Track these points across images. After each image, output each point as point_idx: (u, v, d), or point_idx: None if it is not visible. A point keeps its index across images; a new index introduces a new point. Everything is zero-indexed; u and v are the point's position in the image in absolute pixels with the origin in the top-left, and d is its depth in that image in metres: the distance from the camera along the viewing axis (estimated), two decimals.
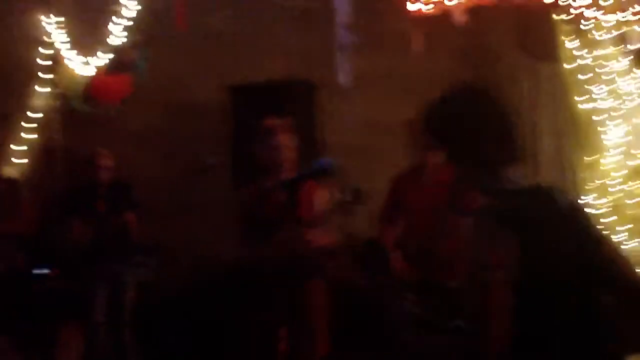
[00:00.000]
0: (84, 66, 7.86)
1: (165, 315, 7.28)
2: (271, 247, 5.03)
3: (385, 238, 5.77)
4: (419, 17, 7.40)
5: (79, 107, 7.79)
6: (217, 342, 7.08)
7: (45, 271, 6.91)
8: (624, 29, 6.76)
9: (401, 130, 5.78)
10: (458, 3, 7.01)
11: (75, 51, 7.89)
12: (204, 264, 7.63)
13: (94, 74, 7.72)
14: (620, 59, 6.86)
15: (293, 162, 5.27)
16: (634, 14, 6.61)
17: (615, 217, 7.03)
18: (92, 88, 7.67)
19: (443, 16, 7.29)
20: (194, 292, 7.45)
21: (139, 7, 7.99)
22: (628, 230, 6.90)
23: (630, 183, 6.85)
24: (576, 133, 7.29)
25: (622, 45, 6.79)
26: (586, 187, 7.34)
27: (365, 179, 8.25)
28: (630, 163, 6.83)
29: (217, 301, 6.97)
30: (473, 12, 7.21)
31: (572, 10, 7.04)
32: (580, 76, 7.28)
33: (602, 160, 7.11)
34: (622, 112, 6.91)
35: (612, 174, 6.96)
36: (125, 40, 7.80)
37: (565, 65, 7.38)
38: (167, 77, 8.31)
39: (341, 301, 5.40)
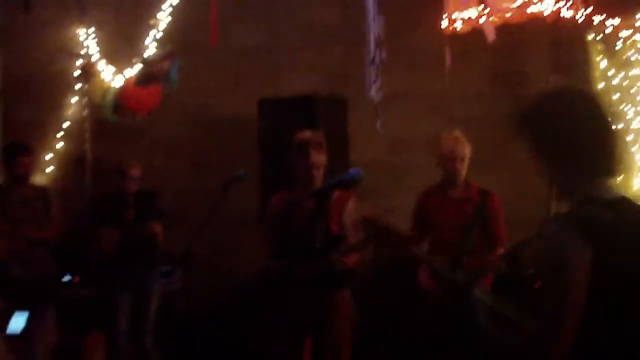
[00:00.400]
0: (115, 76, 7.94)
1: (191, 325, 7.30)
2: (304, 265, 5.04)
3: (415, 251, 5.77)
4: (451, 34, 7.40)
5: (109, 117, 7.86)
6: (241, 353, 7.10)
7: (68, 278, 6.97)
8: None
9: (429, 148, 5.79)
10: (489, 20, 6.99)
11: (106, 61, 7.98)
12: (231, 274, 7.67)
13: (124, 84, 7.79)
14: None
15: (321, 177, 5.29)
16: None
17: None
18: (122, 98, 7.74)
19: (475, 34, 7.27)
20: (222, 302, 7.48)
21: (172, 20, 8.08)
22: None
23: None
24: None
25: None
26: None
27: (393, 195, 8.26)
28: None
29: (244, 312, 7.00)
30: (505, 30, 7.19)
31: (605, 30, 7.02)
32: (611, 96, 7.25)
33: (633, 181, 7.06)
34: None
35: None
36: (156, 51, 7.87)
37: (598, 86, 7.35)
38: (198, 89, 8.37)
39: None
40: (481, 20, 7.13)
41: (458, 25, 7.31)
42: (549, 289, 2.39)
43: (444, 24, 7.32)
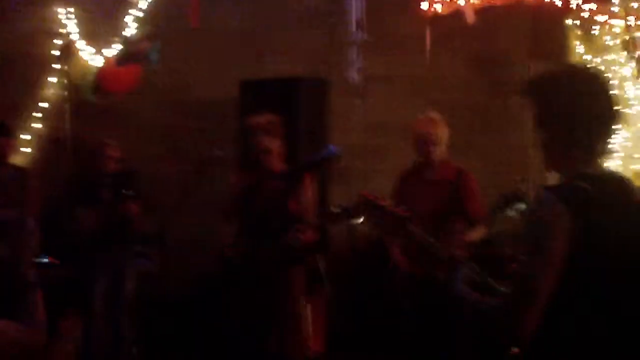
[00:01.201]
0: (95, 56, 7.92)
1: (166, 308, 7.32)
2: (264, 243, 5.12)
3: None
4: (431, 17, 7.42)
5: (89, 97, 7.84)
6: (215, 333, 7.13)
7: (45, 260, 6.96)
8: (633, 34, 6.77)
9: (408, 131, 5.80)
10: (470, 3, 7.02)
11: (85, 41, 7.95)
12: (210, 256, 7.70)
13: (104, 64, 7.77)
14: (628, 64, 6.87)
15: (275, 161, 5.34)
16: None
17: None
18: (102, 78, 7.72)
19: (455, 17, 7.30)
20: (195, 284, 7.51)
21: (153, 0, 8.05)
22: None
23: None
24: None
25: (630, 51, 6.80)
26: None
27: (373, 177, 8.29)
28: (632, 167, 6.84)
29: (214, 293, 7.04)
30: (485, 13, 7.23)
31: (582, 15, 7.05)
32: None
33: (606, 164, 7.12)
34: (626, 117, 6.92)
35: None
36: (137, 31, 7.85)
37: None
38: (178, 71, 8.36)
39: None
40: (461, 3, 7.16)
41: (438, 8, 7.34)
42: (529, 254, 2.46)
43: (425, 6, 7.34)
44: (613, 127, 2.59)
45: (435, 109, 6.84)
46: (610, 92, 2.62)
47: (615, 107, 2.60)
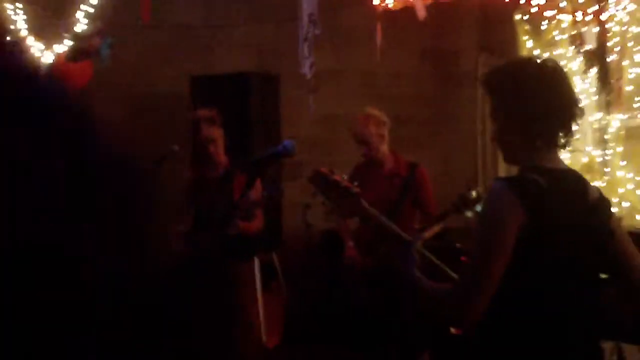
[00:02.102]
0: (44, 53, 7.83)
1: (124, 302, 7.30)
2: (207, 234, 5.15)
3: (342, 228, 5.89)
4: (382, 11, 7.46)
5: None
6: (171, 329, 7.12)
7: None
8: (581, 29, 6.88)
9: None
10: None
11: (35, 37, 7.85)
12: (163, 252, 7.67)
13: (54, 60, 7.69)
14: (575, 58, 6.98)
15: (221, 152, 5.38)
16: (591, 13, 6.72)
17: None
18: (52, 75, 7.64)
19: (406, 12, 7.35)
20: (151, 279, 7.49)
21: None
22: None
23: None
24: None
25: (577, 45, 6.91)
26: None
27: None
28: (582, 160, 6.96)
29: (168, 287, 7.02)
30: (435, 8, 7.28)
31: (531, 10, 7.14)
32: None
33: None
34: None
35: None
36: (87, 27, 7.77)
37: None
38: (129, 67, 8.32)
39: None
40: None
41: (389, 2, 7.38)
42: (479, 244, 2.51)
43: (376, 1, 7.39)
44: (572, 119, 2.61)
45: (385, 102, 6.91)
46: (569, 84, 2.65)
47: (574, 100, 2.63)
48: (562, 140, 2.62)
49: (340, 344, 6.22)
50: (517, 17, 7.47)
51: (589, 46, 6.79)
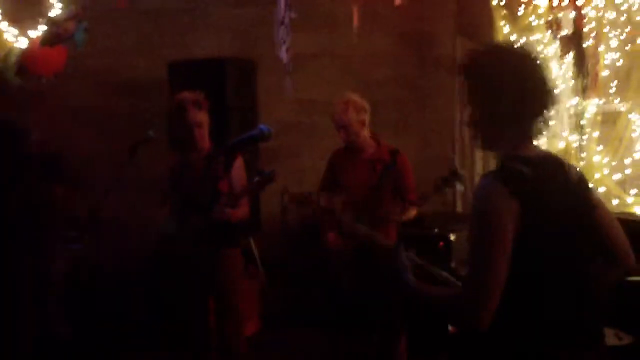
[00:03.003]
0: (19, 37, 7.74)
1: (100, 287, 7.27)
2: (191, 220, 5.13)
3: (321, 220, 5.83)
4: None
5: (12, 79, 7.67)
6: (151, 314, 7.13)
7: None
8: (557, 14, 6.89)
9: None
10: None
11: (8, 22, 7.76)
12: (141, 238, 7.66)
13: (28, 45, 7.61)
14: (552, 44, 7.00)
15: (206, 137, 5.35)
16: None
17: None
18: (27, 60, 7.55)
19: None
20: (129, 265, 7.48)
21: None
22: None
23: None
24: None
25: (554, 31, 6.92)
26: None
27: (303, 155, 8.34)
28: (558, 145, 6.99)
29: (151, 274, 7.03)
30: None
31: None
32: None
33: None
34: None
35: None
36: (62, 12, 7.69)
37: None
38: (106, 52, 8.26)
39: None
40: None
41: None
42: (481, 245, 2.48)
43: None
44: (548, 106, 2.61)
45: (363, 86, 6.90)
46: (543, 70, 2.64)
47: (550, 87, 2.63)
48: (539, 127, 2.62)
49: (319, 329, 6.23)
50: (494, 1, 7.49)
51: (565, 31, 6.81)
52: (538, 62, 2.64)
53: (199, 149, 5.32)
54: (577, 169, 2.76)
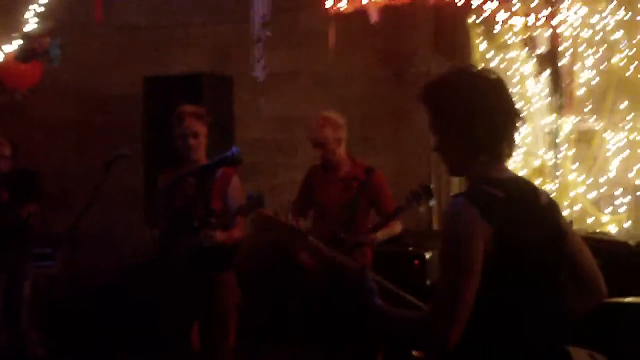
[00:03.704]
0: None
1: (76, 307, 7.22)
2: (182, 241, 5.05)
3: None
4: (335, 14, 7.46)
5: None
6: (130, 333, 7.06)
7: None
8: (533, 32, 6.94)
9: None
10: (373, 1, 7.09)
11: None
12: (118, 254, 7.61)
13: (3, 60, 7.57)
14: (528, 61, 7.04)
15: (202, 150, 5.28)
16: (543, 17, 6.78)
17: None
18: (1, 74, 7.51)
19: (359, 14, 7.36)
20: (109, 282, 7.41)
21: None
22: None
23: None
24: None
25: (530, 48, 6.97)
26: None
27: (278, 172, 8.33)
28: (534, 163, 7.02)
29: (131, 292, 6.96)
30: (388, 11, 7.30)
31: (484, 14, 7.18)
32: None
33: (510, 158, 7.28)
34: (526, 113, 7.11)
35: (520, 172, 7.14)
36: (37, 27, 7.67)
37: (478, 67, 7.53)
38: (81, 67, 8.22)
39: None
40: (364, 1, 7.22)
41: (342, 5, 7.38)
42: (450, 269, 2.40)
43: (329, 3, 7.38)
44: (513, 129, 2.56)
45: (339, 104, 6.90)
46: (508, 91, 2.59)
47: (515, 107, 2.58)
48: (506, 151, 2.56)
49: (296, 343, 6.20)
50: (471, 20, 7.52)
51: (541, 49, 6.85)
52: (501, 84, 2.59)
53: (193, 161, 5.23)
54: (548, 194, 2.72)
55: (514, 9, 6.87)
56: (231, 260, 5.29)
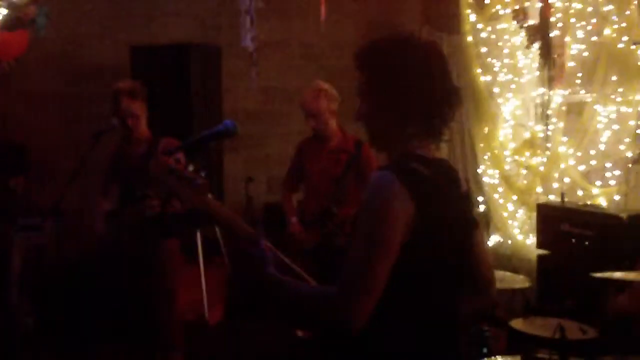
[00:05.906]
0: None
1: (64, 278, 7.19)
2: (128, 210, 5.07)
3: (285, 203, 5.86)
4: None
5: None
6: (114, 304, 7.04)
7: None
8: (524, 4, 6.89)
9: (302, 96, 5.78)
10: None
11: None
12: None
13: None
14: (518, 33, 7.00)
15: (142, 125, 5.27)
16: None
17: (504, 188, 7.21)
18: None
19: None
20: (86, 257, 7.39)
21: None
22: (516, 201, 7.09)
23: (516, 156, 7.02)
24: (476, 104, 7.43)
25: (520, 20, 6.92)
26: (483, 158, 7.49)
27: (267, 143, 8.30)
28: (524, 135, 7.00)
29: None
30: None
31: None
32: (481, 49, 7.43)
33: (499, 132, 7.27)
34: (516, 85, 7.09)
35: (509, 145, 7.13)
36: None
37: (468, 38, 7.50)
38: (67, 37, 8.13)
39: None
40: None
41: None
42: (366, 243, 2.27)
43: None
44: (448, 108, 2.44)
45: (328, 74, 6.86)
46: (446, 69, 2.47)
47: (452, 83, 2.47)
48: (436, 129, 2.45)
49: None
50: None
51: (531, 21, 6.81)
52: (441, 58, 2.47)
53: (134, 140, 5.24)
54: (466, 183, 2.63)
55: None
56: (169, 230, 5.28)
